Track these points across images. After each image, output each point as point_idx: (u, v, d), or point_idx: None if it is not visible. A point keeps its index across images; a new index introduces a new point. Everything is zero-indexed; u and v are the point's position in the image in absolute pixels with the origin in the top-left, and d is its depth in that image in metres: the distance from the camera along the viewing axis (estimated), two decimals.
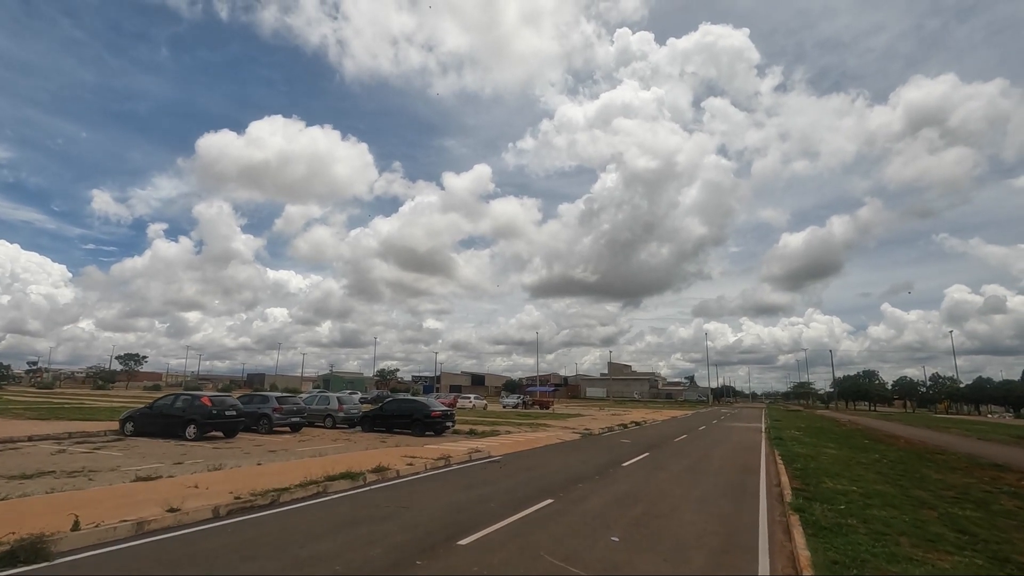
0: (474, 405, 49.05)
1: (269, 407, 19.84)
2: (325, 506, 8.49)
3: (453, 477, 11.56)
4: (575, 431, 24.46)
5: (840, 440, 22.73)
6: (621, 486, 10.87)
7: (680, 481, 11.74)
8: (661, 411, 58.82)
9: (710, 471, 13.53)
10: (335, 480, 9.86)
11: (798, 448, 18.08)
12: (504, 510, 8.40)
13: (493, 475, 11.92)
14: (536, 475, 12.01)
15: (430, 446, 16.42)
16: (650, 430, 28.72)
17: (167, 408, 17.54)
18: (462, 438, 19.92)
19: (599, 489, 10.47)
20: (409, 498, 9.19)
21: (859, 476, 12.22)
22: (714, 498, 9.91)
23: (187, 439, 16.79)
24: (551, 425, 28.22)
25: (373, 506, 8.51)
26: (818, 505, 8.55)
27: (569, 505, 8.90)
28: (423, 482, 10.87)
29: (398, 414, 21.63)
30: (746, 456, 17.18)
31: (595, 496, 9.74)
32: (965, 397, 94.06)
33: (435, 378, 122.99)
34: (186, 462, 12.34)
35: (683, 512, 8.61)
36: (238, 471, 10.76)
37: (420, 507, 8.49)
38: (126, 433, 17.88)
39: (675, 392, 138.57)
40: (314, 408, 23.29)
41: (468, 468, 12.89)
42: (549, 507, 8.71)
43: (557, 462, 14.38)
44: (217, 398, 17.74)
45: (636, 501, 9.38)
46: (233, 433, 18.10)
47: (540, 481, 11.20)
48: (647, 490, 10.49)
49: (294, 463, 12.07)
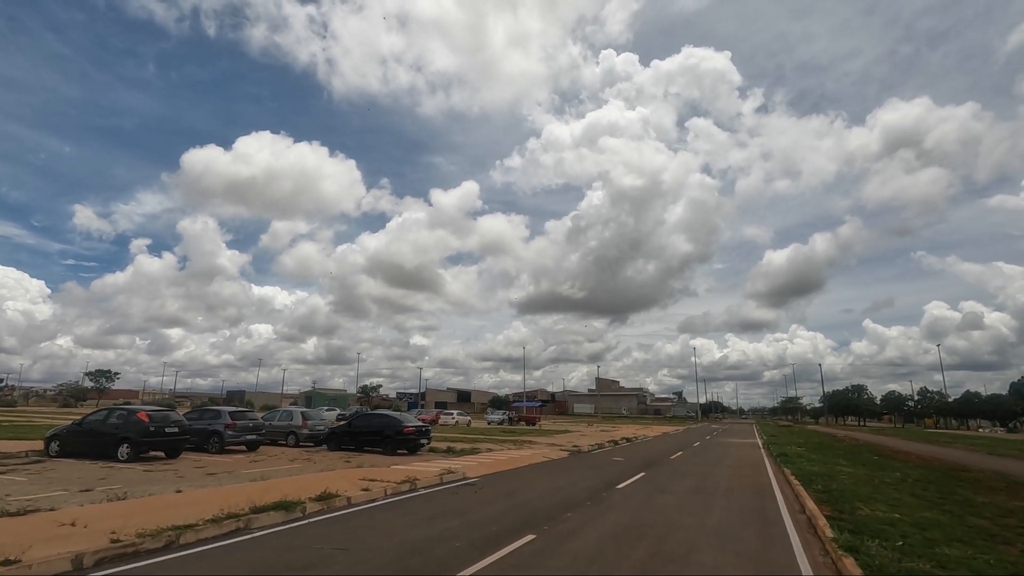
0: (457, 422, 46.70)
1: (221, 423, 17.63)
2: (236, 549, 6.48)
3: (416, 505, 9.57)
4: (563, 448, 22.48)
5: (848, 457, 21.00)
6: (619, 515, 8.96)
7: (688, 507, 9.86)
8: (651, 427, 56.90)
9: (718, 492, 11.67)
10: (264, 512, 7.85)
11: (808, 465, 16.29)
12: (471, 551, 6.47)
13: (465, 502, 9.95)
14: (517, 502, 10.06)
15: (398, 467, 14.36)
16: (643, 447, 26.81)
17: (98, 425, 15.31)
18: (438, 457, 17.87)
19: (592, 519, 8.55)
20: (353, 536, 7.20)
21: (895, 499, 10.43)
22: (733, 529, 8.04)
23: (120, 460, 14.58)
24: (537, 442, 26.20)
25: (301, 548, 6.52)
26: (869, 541, 6.72)
27: (555, 543, 6.98)
28: (377, 513, 8.88)
29: (368, 431, 19.49)
30: (754, 475, 15.35)
31: (588, 529, 7.83)
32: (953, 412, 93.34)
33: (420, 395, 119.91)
34: (98, 489, 10.22)
35: (702, 551, 6.73)
36: (144, 501, 8.68)
37: (363, 549, 6.53)
38: (51, 454, 15.60)
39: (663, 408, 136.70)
40: (275, 425, 21.08)
41: (436, 493, 10.89)
42: (530, 546, 6.79)
43: (542, 485, 12.43)
44: (156, 413, 15.54)
45: (640, 536, 7.48)
46: (176, 453, 15.89)
47: (521, 510, 9.25)
48: (651, 519, 8.59)
49: (225, 489, 10.00)
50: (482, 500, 10.14)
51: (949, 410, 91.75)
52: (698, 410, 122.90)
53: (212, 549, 6.43)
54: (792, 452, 21.55)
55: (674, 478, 14.17)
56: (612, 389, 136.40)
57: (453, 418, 47.70)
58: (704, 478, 14.35)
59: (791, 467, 15.84)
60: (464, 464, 15.26)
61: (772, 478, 14.58)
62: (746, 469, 16.87)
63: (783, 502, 10.66)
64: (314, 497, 8.95)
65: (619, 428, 48.40)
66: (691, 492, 11.71)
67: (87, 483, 11.00)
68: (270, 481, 11.15)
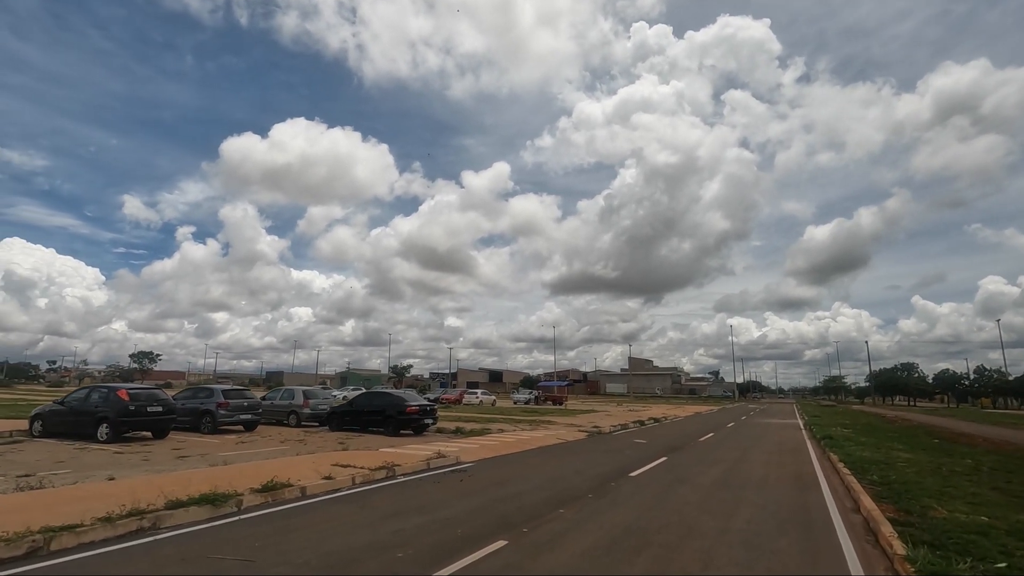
0: (481, 401, 45.54)
1: (213, 403, 16.63)
2: (110, 558, 5.08)
3: (381, 498, 8.08)
4: (581, 429, 20.80)
5: (904, 440, 18.63)
6: (622, 514, 7.26)
7: (711, 503, 8.07)
8: (684, 407, 54.65)
9: (751, 484, 9.81)
10: (182, 508, 6.46)
11: (859, 451, 14.16)
12: (412, 566, 4.90)
13: (443, 494, 8.41)
14: (504, 494, 8.46)
15: (387, 450, 12.98)
16: (670, 428, 24.90)
17: (79, 404, 14.46)
18: (442, 438, 16.47)
19: (588, 519, 6.88)
20: (275, 541, 5.72)
21: (974, 495, 8.37)
22: (768, 537, 6.24)
23: (100, 440, 13.68)
24: (555, 422, 24.60)
25: (194, 559, 5.07)
26: (959, 563, 4.83)
27: (527, 555, 5.34)
28: (329, 507, 7.42)
29: (370, 410, 18.25)
30: (795, 461, 13.36)
31: (578, 533, 6.16)
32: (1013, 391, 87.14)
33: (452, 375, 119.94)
34: (41, 473, 9.14)
35: (722, 571, 4.98)
36: (55, 492, 7.44)
37: (274, 562, 5.04)
38: (34, 433, 14.89)
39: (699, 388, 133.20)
40: (277, 404, 20.09)
41: (414, 482, 9.40)
42: (492, 559, 5.17)
43: (543, 472, 10.81)
44: (138, 392, 14.58)
45: (642, 545, 5.77)
46: (163, 433, 14.95)
47: (504, 505, 7.65)
48: (661, 521, 6.86)
49: (166, 477, 8.72)
50: (464, 492, 8.59)
51: (1008, 389, 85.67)
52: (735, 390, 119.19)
53: (80, 559, 5.05)
54: (838, 434, 19.30)
55: (699, 465, 12.33)
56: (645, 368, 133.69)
57: (477, 397, 46.59)
58: (734, 465, 12.46)
59: (838, 452, 13.77)
60: (463, 447, 13.78)
61: (816, 465, 12.58)
62: (785, 455, 14.86)
63: (831, 497, 8.74)
64: (258, 488, 7.55)
65: (648, 408, 46.43)
66: (717, 484, 9.89)
67: (38, 467, 9.98)
68: (233, 466, 9.87)
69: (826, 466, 12.42)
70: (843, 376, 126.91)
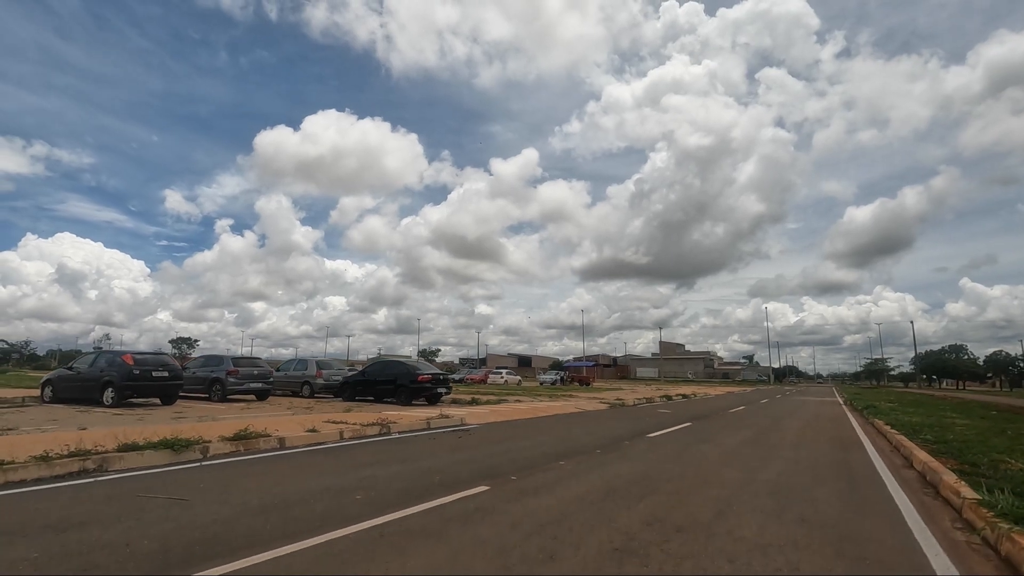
0: (506, 380, 44.86)
1: (222, 371, 16.30)
2: (37, 496, 4.46)
3: (364, 451, 7.36)
4: (603, 401, 19.83)
5: (959, 411, 17.04)
6: (630, 465, 6.34)
7: (736, 459, 7.06)
8: (715, 388, 52.93)
9: (783, 444, 8.73)
10: (138, 451, 5.85)
11: (908, 417, 12.82)
12: (366, 509, 4.12)
13: (433, 449, 7.64)
14: (501, 449, 7.63)
15: (389, 412, 12.31)
16: (699, 402, 23.68)
17: (86, 369, 14.25)
18: (457, 408, 15.76)
19: (589, 469, 5.99)
20: (226, 483, 5.04)
21: None
22: (801, 488, 5.23)
23: (105, 405, 13.44)
24: (578, 396, 23.69)
25: (125, 497, 4.41)
26: None
27: (507, 499, 4.49)
28: (302, 458, 6.73)
29: (382, 380, 17.67)
30: (834, 428, 12.14)
31: (572, 482, 5.28)
32: None
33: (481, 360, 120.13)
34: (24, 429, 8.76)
35: (741, 517, 4.03)
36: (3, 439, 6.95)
37: (215, 501, 4.33)
38: (45, 399, 14.79)
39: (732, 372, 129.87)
40: (291, 375, 19.71)
41: (407, 439, 8.66)
42: (463, 503, 4.35)
43: (550, 433, 9.95)
44: (144, 357, 14.28)
45: (646, 493, 4.86)
46: (170, 399, 14.63)
47: (498, 458, 6.82)
48: (674, 472, 5.91)
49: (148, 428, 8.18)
50: (457, 447, 7.80)
51: None
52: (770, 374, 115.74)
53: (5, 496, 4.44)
54: (883, 406, 17.83)
55: (726, 429, 11.27)
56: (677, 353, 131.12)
57: (502, 377, 45.96)
58: (767, 431, 11.35)
59: (883, 418, 12.47)
60: (472, 412, 13.03)
61: (858, 430, 11.36)
62: (823, 422, 13.62)
63: (876, 455, 7.62)
64: (229, 436, 6.91)
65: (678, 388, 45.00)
66: (745, 443, 8.85)
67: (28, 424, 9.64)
68: (217, 422, 9.32)
69: (870, 431, 11.20)
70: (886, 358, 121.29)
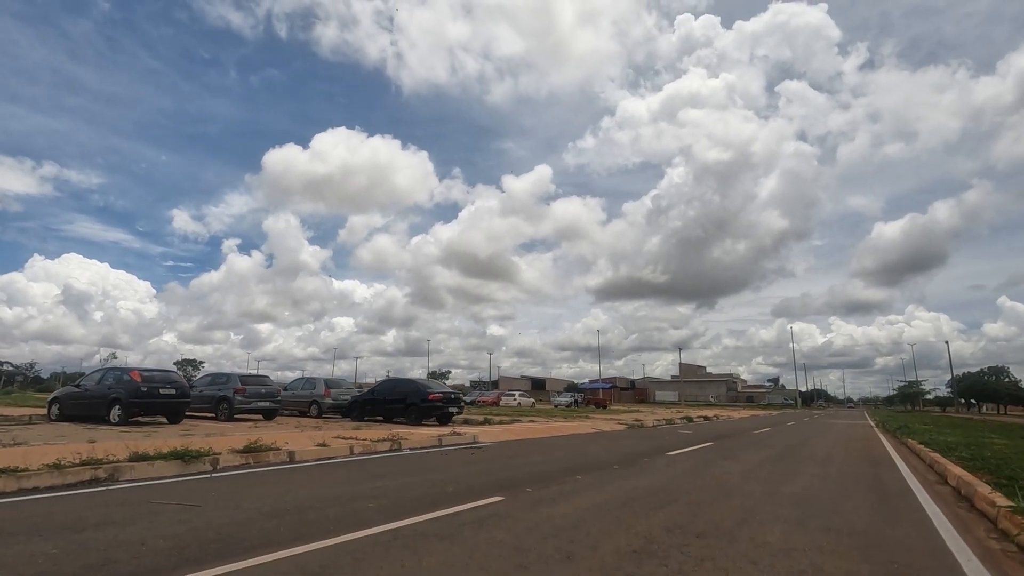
0: (519, 403, 44.66)
1: (230, 388, 16.51)
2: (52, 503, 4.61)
3: (376, 465, 7.44)
4: (621, 422, 19.70)
5: (997, 433, 16.67)
6: (649, 479, 6.35)
7: (760, 474, 7.03)
8: (739, 411, 52.18)
9: (811, 460, 8.64)
10: (148, 461, 6.00)
11: (943, 437, 12.59)
12: (379, 516, 4.20)
13: (447, 463, 7.70)
14: (516, 463, 7.68)
15: (399, 430, 12.38)
16: (722, 424, 23.40)
17: (94, 386, 14.54)
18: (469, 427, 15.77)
19: (606, 482, 6.01)
20: (238, 492, 5.16)
21: None
22: (828, 500, 5.21)
23: (112, 423, 13.67)
24: (594, 418, 23.55)
25: (139, 503, 4.54)
26: None
27: (524, 508, 4.55)
28: (315, 470, 6.84)
29: (392, 399, 17.75)
30: (864, 447, 11.97)
31: (590, 493, 5.31)
32: None
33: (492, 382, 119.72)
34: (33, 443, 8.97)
35: (764, 525, 4.05)
36: (15, 450, 7.13)
37: (228, 507, 4.45)
38: (52, 417, 15.07)
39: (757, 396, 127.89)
40: (299, 394, 19.87)
41: (419, 455, 8.73)
42: (477, 511, 4.41)
43: (567, 450, 9.95)
44: (151, 373, 14.54)
45: (665, 503, 4.88)
46: (177, 417, 14.83)
47: (513, 471, 6.87)
48: (694, 485, 5.91)
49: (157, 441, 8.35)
50: (470, 461, 7.85)
51: None
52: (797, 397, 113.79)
53: (11, 502, 4.59)
54: (917, 427, 17.50)
55: (749, 448, 11.17)
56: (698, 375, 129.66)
57: (515, 399, 45.77)
58: (793, 449, 11.23)
59: (917, 438, 12.27)
60: (485, 430, 13.06)
61: (890, 449, 11.20)
62: (853, 442, 13.43)
63: (908, 471, 7.53)
64: (239, 449, 7.04)
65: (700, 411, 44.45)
66: (769, 460, 8.78)
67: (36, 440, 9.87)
68: (226, 436, 9.47)
69: (902, 450, 11.03)
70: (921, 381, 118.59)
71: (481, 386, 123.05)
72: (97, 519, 3.95)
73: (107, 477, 5.58)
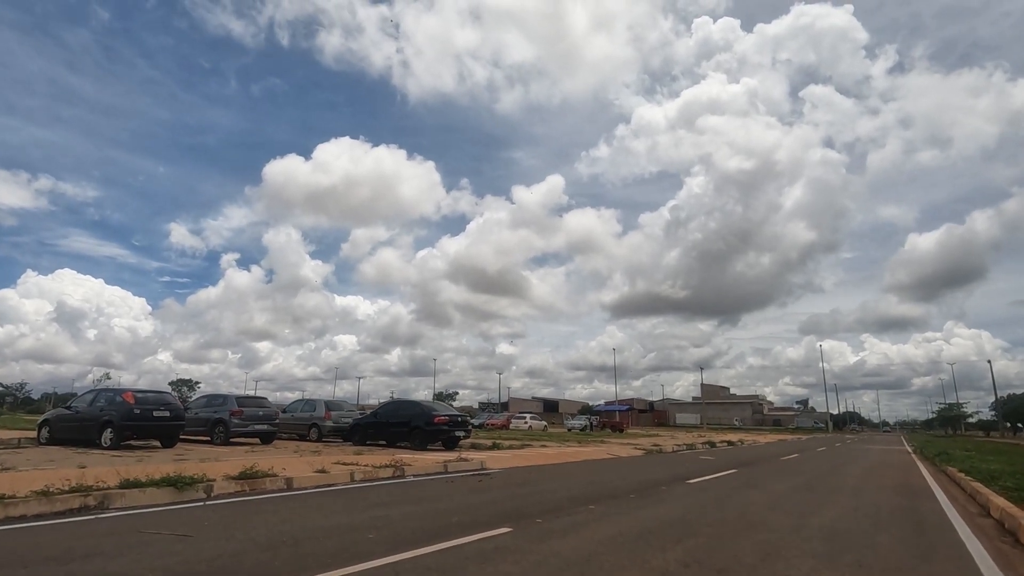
0: (530, 426, 44.36)
1: (226, 411, 16.59)
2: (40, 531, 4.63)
3: (377, 492, 7.41)
4: (638, 447, 19.51)
5: None
6: (667, 509, 6.27)
7: (787, 504, 6.91)
8: (765, 435, 51.48)
9: (842, 490, 8.50)
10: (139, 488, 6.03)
11: (986, 465, 12.32)
12: (379, 547, 4.18)
13: (450, 490, 7.66)
14: (524, 492, 7.62)
15: (403, 455, 12.34)
16: (746, 449, 23.09)
17: (85, 408, 14.67)
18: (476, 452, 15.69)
19: (621, 513, 5.94)
20: (232, 521, 5.16)
21: None
22: (860, 534, 5.11)
23: (103, 447, 13.77)
24: (610, 442, 23.34)
25: (129, 533, 4.56)
26: None
27: (533, 540, 4.51)
28: (312, 498, 6.82)
29: (395, 422, 17.72)
30: (900, 475, 11.75)
31: (603, 524, 5.25)
32: None
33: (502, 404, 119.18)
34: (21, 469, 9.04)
35: (791, 560, 3.97)
36: (2, 476, 7.21)
37: (221, 537, 4.45)
38: (41, 440, 15.21)
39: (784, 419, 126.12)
40: (298, 416, 19.90)
41: (422, 481, 8.68)
42: (483, 544, 4.37)
43: (580, 477, 9.86)
44: (145, 395, 14.66)
45: (684, 535, 4.81)
46: (171, 441, 14.90)
47: (521, 500, 6.82)
48: (716, 516, 5.83)
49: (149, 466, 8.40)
50: (477, 489, 7.80)
51: None
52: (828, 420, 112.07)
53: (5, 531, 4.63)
54: (957, 454, 17.16)
55: (776, 475, 11.00)
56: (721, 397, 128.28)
57: (526, 422, 45.49)
58: (823, 477, 11.05)
59: (957, 465, 12.03)
60: (493, 456, 12.99)
61: (928, 477, 10.98)
62: (888, 469, 13.20)
63: (948, 503, 7.37)
64: (233, 475, 7.05)
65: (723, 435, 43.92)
66: (797, 489, 8.64)
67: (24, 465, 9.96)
68: (220, 462, 9.49)
69: (941, 479, 10.82)
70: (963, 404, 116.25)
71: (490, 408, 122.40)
72: (85, 550, 3.96)
73: (97, 505, 5.61)
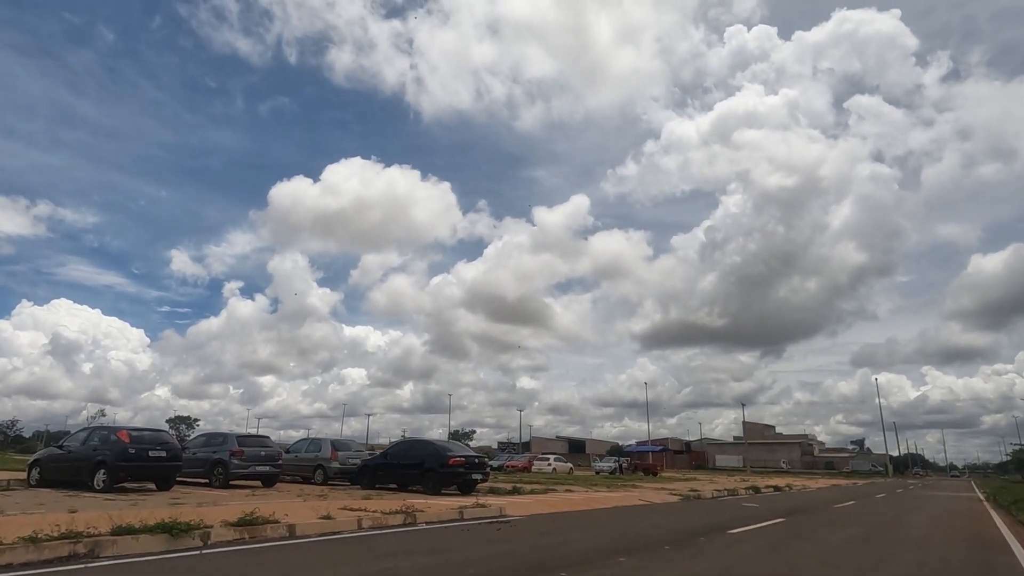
0: (555, 468, 43.72)
1: (226, 451, 16.70)
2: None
3: (387, 542, 7.36)
4: (674, 492, 19.12)
5: None
6: (705, 562, 6.11)
7: (841, 557, 6.69)
8: (816, 480, 50.06)
9: (905, 543, 8.20)
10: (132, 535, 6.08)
11: None
12: None
13: (467, 540, 7.56)
14: (548, 542, 7.50)
15: (416, 500, 12.23)
16: (795, 495, 22.49)
17: (78, 447, 14.90)
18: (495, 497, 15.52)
19: (655, 566, 5.82)
20: (228, 572, 5.15)
21: None
22: None
23: (96, 489, 13.91)
24: (642, 487, 22.93)
25: None
26: None
27: None
28: (316, 547, 6.82)
29: (406, 463, 17.64)
30: (970, 525, 11.32)
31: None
32: None
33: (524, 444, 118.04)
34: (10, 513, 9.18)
35: None
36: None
37: None
38: (31, 482, 15.44)
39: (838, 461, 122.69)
40: (302, 457, 19.93)
41: (435, 530, 8.60)
42: None
43: (610, 526, 9.69)
44: (141, 434, 14.83)
45: None
46: (167, 483, 15.00)
47: (544, 552, 6.71)
48: (760, 570, 5.68)
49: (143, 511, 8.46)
50: (496, 539, 7.69)
51: None
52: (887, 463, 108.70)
53: None
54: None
55: (829, 525, 10.68)
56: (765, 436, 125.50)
57: (549, 464, 44.87)
58: (882, 527, 10.69)
59: None
60: (514, 502, 12.83)
61: (1004, 528, 10.56)
62: (957, 519, 12.73)
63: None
64: (232, 522, 7.07)
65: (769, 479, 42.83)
66: (853, 541, 8.37)
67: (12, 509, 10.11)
68: (219, 507, 9.52)
69: (1019, 531, 10.38)
70: None
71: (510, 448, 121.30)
72: None
73: (87, 552, 5.66)
